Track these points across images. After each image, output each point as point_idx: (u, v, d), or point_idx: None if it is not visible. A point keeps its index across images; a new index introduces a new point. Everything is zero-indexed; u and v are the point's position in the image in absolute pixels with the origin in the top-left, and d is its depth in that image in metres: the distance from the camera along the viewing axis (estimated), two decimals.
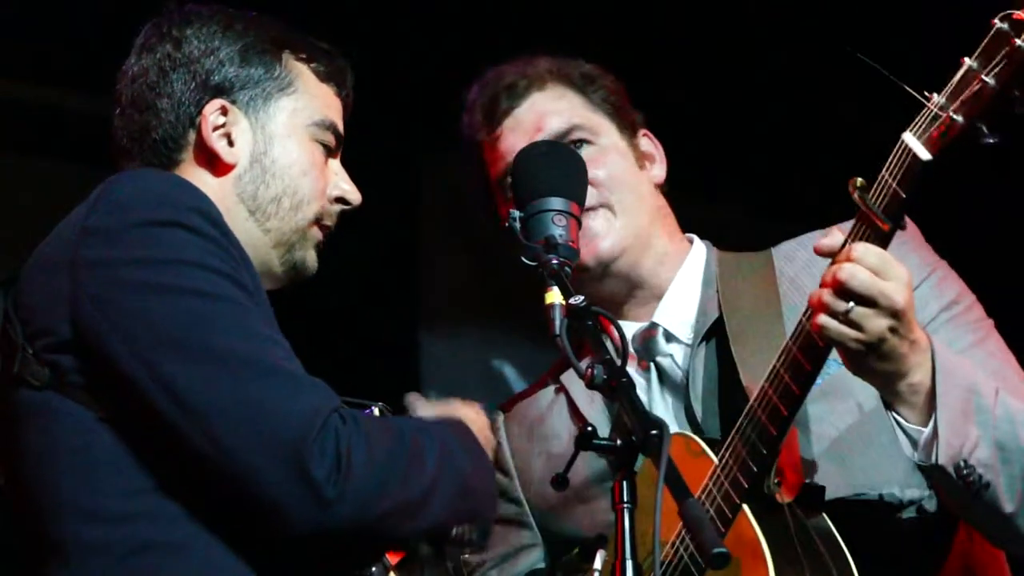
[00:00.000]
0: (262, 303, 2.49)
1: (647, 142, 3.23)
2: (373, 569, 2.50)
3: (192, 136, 2.69)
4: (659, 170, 3.21)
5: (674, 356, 3.08)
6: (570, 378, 3.15)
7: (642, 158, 3.20)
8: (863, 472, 2.83)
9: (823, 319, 2.60)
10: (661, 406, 3.06)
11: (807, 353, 2.66)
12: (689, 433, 2.92)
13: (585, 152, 3.09)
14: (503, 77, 3.21)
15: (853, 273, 2.57)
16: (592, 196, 3.08)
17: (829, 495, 2.81)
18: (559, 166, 2.74)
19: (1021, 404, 2.71)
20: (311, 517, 2.34)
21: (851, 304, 2.57)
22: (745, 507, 2.72)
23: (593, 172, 3.07)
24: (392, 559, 2.54)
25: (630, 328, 3.11)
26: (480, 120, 3.21)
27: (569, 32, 5.42)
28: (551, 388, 3.21)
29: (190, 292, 2.40)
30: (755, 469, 2.71)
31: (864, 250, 2.58)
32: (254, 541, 2.41)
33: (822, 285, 2.61)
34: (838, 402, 2.80)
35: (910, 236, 2.91)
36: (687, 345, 3.07)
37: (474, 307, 6.24)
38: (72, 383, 2.45)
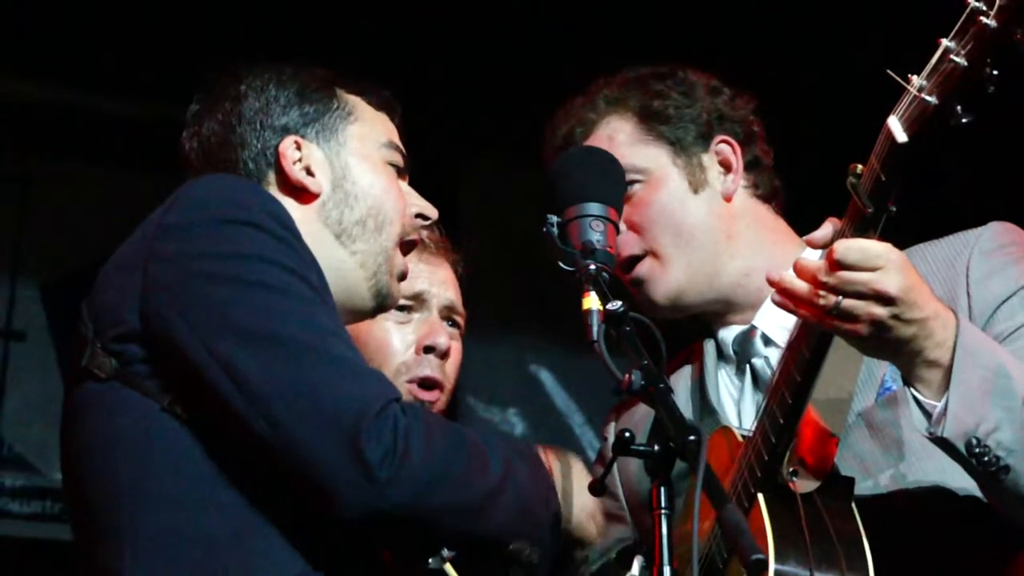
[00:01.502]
0: (329, 303, 2.55)
1: (725, 148, 3.19)
2: (430, 560, 2.51)
3: (272, 176, 2.77)
4: (730, 183, 3.18)
5: (769, 359, 3.08)
6: (676, 379, 3.19)
7: (701, 177, 3.17)
8: (925, 472, 2.82)
9: (817, 316, 2.60)
10: (750, 407, 3.07)
11: (806, 340, 2.67)
12: (732, 426, 2.93)
13: (633, 193, 3.12)
14: (561, 126, 3.23)
15: (838, 276, 2.56)
16: (635, 243, 3.11)
17: (888, 488, 2.82)
18: (596, 171, 2.74)
19: None
20: (362, 498, 2.38)
21: (839, 299, 2.57)
22: (760, 496, 2.72)
23: (637, 217, 3.11)
24: (449, 553, 2.54)
25: (731, 332, 3.14)
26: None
27: (599, 42, 5.45)
28: None
29: (258, 285, 2.47)
30: (766, 458, 2.71)
31: (844, 250, 2.56)
32: (309, 535, 2.45)
33: (804, 279, 2.60)
34: (912, 409, 2.77)
35: (1015, 247, 2.92)
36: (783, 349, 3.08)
37: (511, 314, 6.25)
38: (136, 373, 2.51)
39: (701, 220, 3.15)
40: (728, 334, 3.15)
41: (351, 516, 2.40)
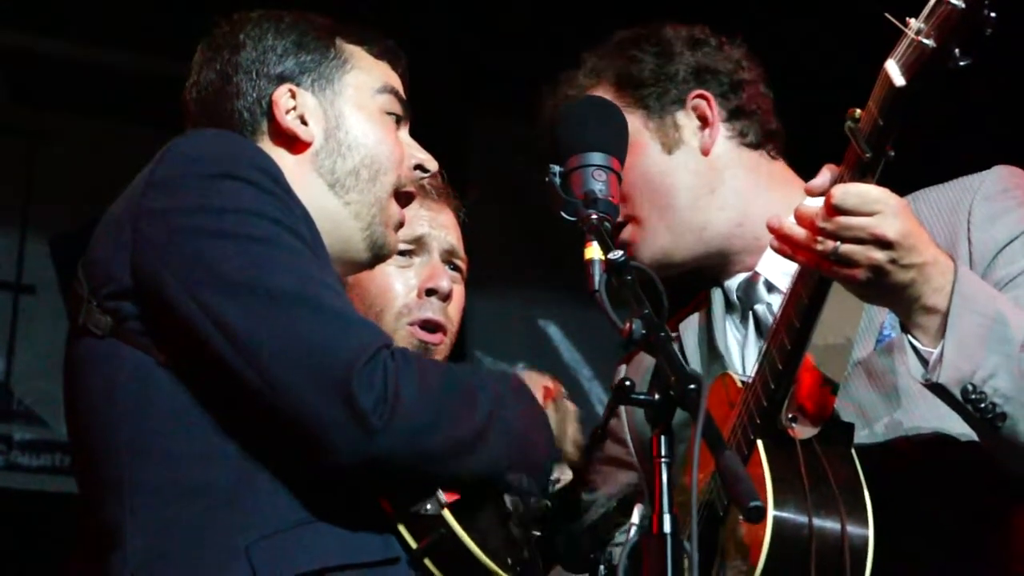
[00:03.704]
0: (321, 255, 2.55)
1: (701, 103, 3.18)
2: (428, 506, 2.51)
3: (265, 124, 2.76)
4: (707, 137, 3.17)
5: (772, 305, 3.08)
6: (685, 327, 3.21)
7: (675, 136, 3.16)
8: (923, 419, 2.82)
9: (815, 261, 2.60)
10: (754, 353, 3.06)
11: (805, 286, 2.67)
12: (732, 373, 2.94)
13: None
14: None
15: (835, 221, 2.56)
16: (617, 211, 3.10)
17: (887, 435, 2.82)
18: (598, 121, 2.73)
19: None
20: (357, 446, 2.39)
21: (837, 244, 2.56)
22: (759, 443, 2.72)
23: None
24: (447, 499, 2.55)
25: (735, 280, 3.14)
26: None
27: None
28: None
29: (245, 237, 2.47)
30: (765, 404, 2.71)
31: (842, 194, 2.56)
32: (307, 485, 2.46)
33: (803, 225, 2.60)
34: (909, 356, 2.75)
35: (1019, 191, 2.90)
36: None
37: (519, 268, 6.25)
38: (132, 329, 2.51)
39: (678, 179, 3.15)
40: (733, 282, 3.15)
41: (346, 463, 2.41)
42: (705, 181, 3.15)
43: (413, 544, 2.50)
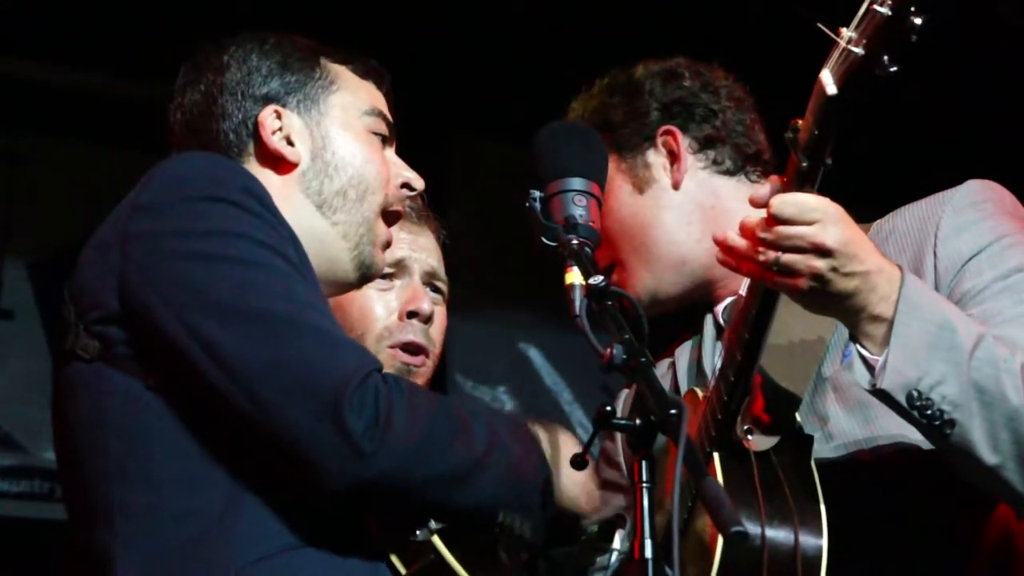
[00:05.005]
0: (308, 277, 2.55)
1: (668, 140, 3.18)
2: (418, 533, 2.50)
3: (251, 145, 2.77)
4: (676, 172, 3.17)
5: None
6: (680, 351, 3.21)
7: (645, 175, 3.17)
8: (887, 432, 2.82)
9: (759, 272, 2.61)
10: None
11: (753, 296, 2.68)
12: (697, 388, 2.94)
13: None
14: None
15: (775, 231, 2.57)
16: (603, 255, 3.11)
17: (851, 448, 2.82)
18: (579, 146, 2.74)
19: (1012, 353, 2.64)
20: (347, 469, 2.38)
21: (778, 255, 2.58)
22: (716, 455, 2.73)
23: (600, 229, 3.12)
24: (437, 524, 2.54)
25: (722, 305, 3.14)
26: None
27: (591, 18, 5.43)
28: (667, 361, 3.26)
29: (233, 260, 2.46)
30: (720, 417, 2.73)
31: (780, 204, 2.57)
32: (296, 509, 2.45)
33: (745, 236, 2.62)
34: (856, 365, 2.74)
35: (990, 204, 2.90)
36: None
37: (501, 292, 6.25)
38: (120, 354, 2.51)
39: (651, 218, 3.16)
40: (721, 307, 3.16)
41: (336, 487, 2.40)
42: (678, 216, 3.15)
43: (403, 570, 2.50)
